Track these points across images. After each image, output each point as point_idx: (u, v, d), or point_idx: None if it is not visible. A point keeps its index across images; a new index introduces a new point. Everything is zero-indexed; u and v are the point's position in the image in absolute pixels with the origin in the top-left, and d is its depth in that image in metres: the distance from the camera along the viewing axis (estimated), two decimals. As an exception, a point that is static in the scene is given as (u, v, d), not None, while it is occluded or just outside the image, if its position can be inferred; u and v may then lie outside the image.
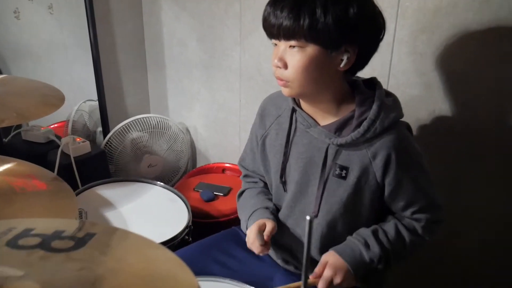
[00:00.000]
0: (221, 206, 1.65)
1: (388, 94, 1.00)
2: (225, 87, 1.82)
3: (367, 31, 0.90)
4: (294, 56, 0.90)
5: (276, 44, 0.94)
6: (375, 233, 1.00)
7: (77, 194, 1.41)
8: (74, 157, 1.59)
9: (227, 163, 1.91)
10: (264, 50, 1.62)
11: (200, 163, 2.08)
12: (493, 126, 1.18)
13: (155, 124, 1.90)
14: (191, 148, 2.07)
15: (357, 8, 0.85)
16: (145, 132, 1.89)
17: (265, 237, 1.03)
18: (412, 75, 1.27)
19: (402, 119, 0.99)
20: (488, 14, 1.09)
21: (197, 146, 2.07)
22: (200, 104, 1.96)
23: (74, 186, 1.50)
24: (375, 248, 0.98)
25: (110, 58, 1.94)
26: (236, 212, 1.54)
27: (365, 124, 0.93)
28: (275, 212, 1.13)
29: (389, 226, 1.02)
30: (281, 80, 0.94)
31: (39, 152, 1.70)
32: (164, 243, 1.20)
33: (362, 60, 0.95)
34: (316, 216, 1.03)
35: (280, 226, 1.10)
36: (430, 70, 1.24)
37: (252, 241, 1.04)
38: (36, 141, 1.76)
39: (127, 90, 2.06)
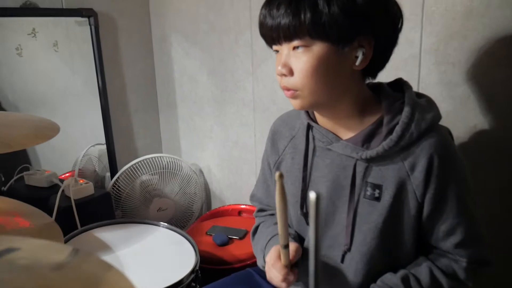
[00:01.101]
0: (236, 250, 1.47)
1: (420, 95, 0.84)
2: (239, 122, 1.70)
3: (381, 19, 0.76)
4: (300, 59, 0.76)
5: (278, 51, 0.81)
6: (405, 281, 0.81)
7: (72, 237, 1.26)
8: (76, 200, 1.47)
9: (243, 205, 1.75)
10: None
11: (215, 206, 1.92)
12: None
13: (166, 165, 1.77)
14: (205, 191, 1.92)
15: None
16: (155, 174, 1.76)
17: (290, 257, 0.83)
18: (444, 88, 1.11)
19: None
20: (530, 8, 0.95)
21: (212, 188, 1.92)
22: (213, 143, 1.84)
23: (73, 230, 1.36)
24: None
25: (120, 100, 1.87)
26: (253, 257, 1.36)
27: (397, 129, 0.77)
28: (297, 238, 0.95)
29: (422, 271, 0.82)
30: (288, 90, 0.80)
31: (41, 197, 1.58)
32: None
33: (381, 56, 0.80)
34: (349, 249, 0.84)
35: (305, 267, 0.91)
36: (465, 80, 1.08)
37: (273, 265, 0.85)
38: (39, 186, 1.65)
39: (138, 132, 1.97)
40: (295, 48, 0.76)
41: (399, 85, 0.85)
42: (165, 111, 2.00)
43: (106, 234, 1.30)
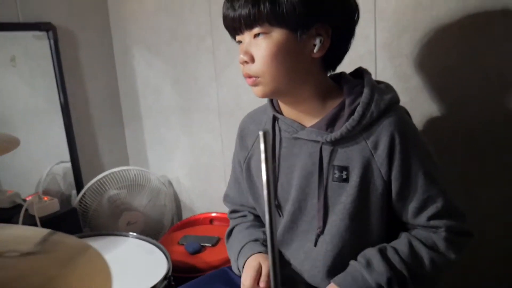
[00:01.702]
0: (209, 257, 1.45)
1: (379, 82, 0.87)
2: (205, 128, 1.70)
3: (337, 9, 0.79)
4: (260, 45, 0.78)
5: (241, 42, 0.84)
6: (382, 252, 0.82)
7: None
8: (41, 217, 1.42)
9: (214, 213, 1.73)
10: (242, 82, 1.52)
11: (185, 217, 1.90)
12: (490, 122, 1.04)
13: (133, 178, 1.74)
14: (175, 202, 1.90)
15: None
16: (123, 188, 1.73)
17: (261, 284, 0.86)
18: (400, 80, 1.16)
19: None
20: (473, 1, 1.01)
21: (182, 198, 1.90)
22: (180, 152, 1.83)
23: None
24: (380, 268, 0.79)
25: (83, 116, 1.83)
26: (227, 262, 1.35)
27: (359, 109, 0.79)
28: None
29: (401, 243, 0.83)
30: (250, 77, 0.82)
31: (3, 217, 1.52)
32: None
33: (339, 45, 0.83)
34: (322, 232, 0.85)
35: (279, 256, 0.92)
36: (418, 72, 1.13)
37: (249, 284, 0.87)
38: (1, 207, 1.59)
39: (103, 147, 1.93)
40: (256, 36, 0.78)
41: (359, 73, 0.88)
42: (131, 124, 1.97)
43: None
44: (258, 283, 0.88)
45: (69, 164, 1.84)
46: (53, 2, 1.66)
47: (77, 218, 1.55)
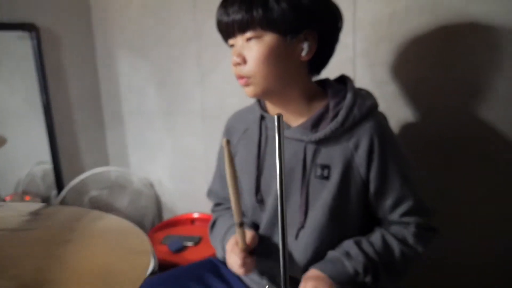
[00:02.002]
0: (192, 256, 1.49)
1: (360, 89, 0.95)
2: (188, 131, 1.74)
3: (324, 16, 0.87)
4: (253, 48, 0.85)
5: (233, 45, 0.89)
6: (358, 243, 0.89)
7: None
8: (22, 217, 1.42)
9: (196, 213, 1.77)
10: (226, 87, 1.58)
11: (166, 218, 1.92)
12: (461, 126, 1.13)
13: (115, 179, 1.76)
14: (156, 203, 1.92)
15: None
16: (104, 189, 1.74)
17: (247, 241, 0.90)
18: (377, 86, 1.24)
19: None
20: (442, 12, 1.10)
21: (163, 200, 1.92)
22: (163, 154, 1.86)
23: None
24: (358, 257, 0.86)
25: (64, 117, 1.84)
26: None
27: (342, 112, 0.86)
28: (253, 227, 1.00)
29: (375, 236, 0.91)
30: (242, 77, 0.88)
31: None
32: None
33: (324, 50, 0.90)
34: (303, 226, 0.91)
35: (261, 250, 0.97)
36: (394, 79, 1.21)
37: (232, 250, 0.92)
38: (-21, 207, 1.58)
39: (84, 149, 1.94)
40: (248, 40, 0.84)
41: (342, 79, 0.95)
42: (112, 126, 1.99)
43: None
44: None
45: (48, 165, 1.83)
46: (37, 3, 1.68)
47: (59, 218, 1.55)
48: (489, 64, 1.06)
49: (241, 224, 0.87)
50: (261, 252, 0.95)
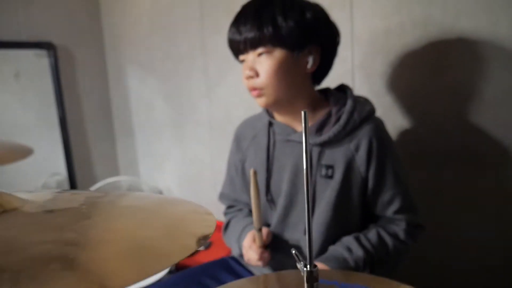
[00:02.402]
0: (203, 259, 1.56)
1: (359, 96, 1.04)
2: (195, 141, 1.83)
3: (325, 32, 0.97)
4: (264, 62, 0.94)
5: (243, 61, 0.99)
6: (357, 239, 0.97)
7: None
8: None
9: (204, 219, 1.85)
10: (232, 99, 1.67)
11: (176, 226, 2.00)
12: (452, 131, 1.22)
13: (127, 188, 1.85)
14: (166, 211, 2.00)
15: (312, 12, 0.94)
16: (117, 198, 1.83)
17: (263, 238, 0.98)
18: (374, 96, 1.32)
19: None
20: (434, 27, 1.20)
21: (172, 208, 2.00)
22: (171, 163, 1.94)
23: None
24: (358, 252, 0.95)
25: (77, 130, 1.93)
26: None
27: (344, 117, 0.95)
28: (265, 225, 1.09)
29: (371, 233, 1.00)
30: (255, 89, 0.97)
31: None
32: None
33: (326, 62, 1.00)
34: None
35: (273, 246, 1.05)
36: (391, 90, 1.31)
37: (250, 247, 1.00)
38: None
39: (96, 161, 2.03)
40: (259, 55, 0.94)
41: (341, 88, 1.05)
42: (123, 137, 2.08)
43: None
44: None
45: (62, 176, 1.92)
46: (54, 23, 1.78)
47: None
48: (476, 74, 1.15)
49: (260, 229, 0.97)
50: (273, 248, 1.04)
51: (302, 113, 0.46)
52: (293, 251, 0.51)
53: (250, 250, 0.99)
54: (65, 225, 0.41)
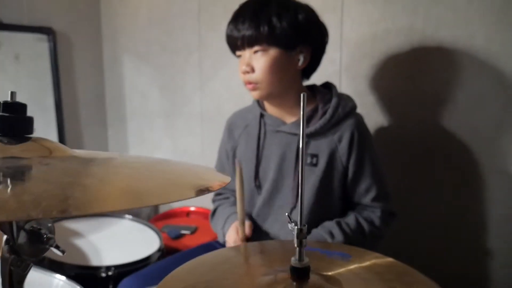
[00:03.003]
0: (189, 242, 1.64)
1: (341, 93, 1.14)
2: (187, 132, 1.90)
3: (316, 33, 1.07)
4: (260, 59, 1.03)
5: (240, 56, 1.07)
6: (338, 224, 1.07)
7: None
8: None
9: (192, 207, 1.93)
10: (224, 92, 1.76)
11: (162, 210, 2.07)
12: (427, 131, 1.33)
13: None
14: (154, 198, 2.07)
15: (304, 14, 1.03)
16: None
17: (246, 231, 1.06)
18: (359, 96, 1.43)
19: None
20: (416, 36, 1.31)
21: (160, 195, 2.07)
22: (162, 153, 2.01)
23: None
24: (339, 237, 1.04)
25: (71, 114, 1.98)
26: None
27: (329, 111, 1.05)
28: (248, 216, 1.17)
29: (350, 219, 1.09)
30: (250, 83, 1.06)
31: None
32: (138, 262, 1.18)
33: (315, 60, 1.10)
34: (295, 206, 1.09)
35: (257, 229, 1.14)
36: (374, 90, 1.41)
37: (234, 241, 1.07)
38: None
39: (87, 145, 2.08)
40: (255, 52, 1.02)
41: (327, 85, 1.15)
42: (115, 124, 2.14)
43: (74, 224, 1.41)
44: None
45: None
46: (55, 9, 1.84)
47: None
48: (452, 80, 1.27)
49: (243, 223, 1.04)
50: (256, 234, 1.12)
51: (302, 95, 0.55)
52: (286, 214, 0.60)
53: (233, 244, 1.08)
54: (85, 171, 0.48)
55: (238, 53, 1.08)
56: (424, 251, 1.38)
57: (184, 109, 1.89)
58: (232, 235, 1.09)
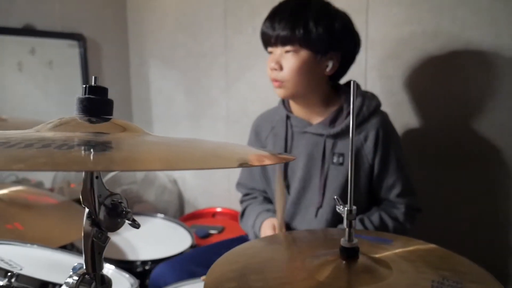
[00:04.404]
0: (217, 241, 1.67)
1: (367, 92, 1.17)
2: (212, 133, 1.95)
3: (349, 42, 1.10)
4: (289, 59, 1.06)
5: (271, 52, 1.11)
6: (361, 221, 1.10)
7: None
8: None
9: (218, 208, 1.96)
10: (250, 94, 1.80)
11: (187, 212, 2.11)
12: (454, 130, 1.34)
13: (144, 175, 1.96)
14: (179, 198, 2.11)
15: (341, 22, 1.07)
16: (134, 184, 1.94)
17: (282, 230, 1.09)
18: (385, 96, 1.45)
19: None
20: (442, 36, 1.33)
21: (185, 196, 2.12)
22: (187, 155, 2.06)
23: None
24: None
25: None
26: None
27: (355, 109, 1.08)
28: None
29: (374, 215, 1.12)
30: (277, 81, 1.09)
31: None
32: (173, 257, 1.22)
33: (343, 67, 1.13)
34: (321, 206, 1.11)
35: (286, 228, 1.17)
36: (399, 90, 1.44)
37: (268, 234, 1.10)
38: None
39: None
40: (286, 51, 1.06)
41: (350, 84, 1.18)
42: (141, 127, 2.19)
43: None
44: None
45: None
46: (85, 16, 1.91)
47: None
48: (480, 79, 1.29)
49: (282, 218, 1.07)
50: (286, 227, 1.15)
51: (352, 82, 0.58)
52: (335, 197, 0.62)
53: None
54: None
55: (269, 49, 1.11)
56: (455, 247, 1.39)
57: (209, 111, 1.94)
58: (268, 226, 1.11)
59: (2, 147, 0.32)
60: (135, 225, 0.48)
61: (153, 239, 1.38)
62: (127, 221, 0.48)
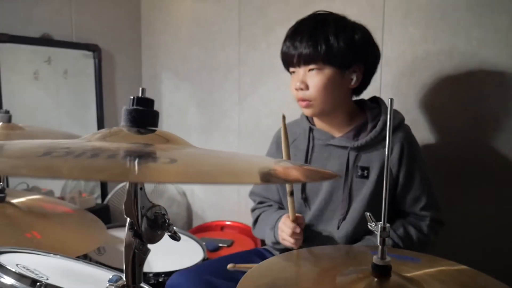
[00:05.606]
0: (227, 253, 1.66)
1: None
2: (224, 146, 1.95)
3: (370, 53, 1.12)
4: (314, 78, 1.07)
5: (293, 72, 1.12)
6: None
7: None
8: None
9: (227, 221, 1.95)
10: (263, 108, 1.81)
11: (196, 225, 2.10)
12: (468, 147, 1.35)
13: (153, 186, 1.96)
14: (187, 211, 2.11)
15: (360, 35, 1.08)
16: (144, 194, 1.93)
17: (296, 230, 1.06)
18: (399, 113, 1.47)
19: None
20: (457, 55, 1.35)
21: (194, 208, 2.11)
22: (197, 167, 2.06)
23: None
24: (388, 242, 1.06)
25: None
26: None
27: (380, 123, 1.09)
28: None
29: (398, 226, 1.12)
30: (304, 100, 1.10)
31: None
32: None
33: (366, 79, 1.14)
34: (345, 218, 1.11)
35: (306, 236, 1.16)
36: (414, 108, 1.45)
37: (284, 222, 1.08)
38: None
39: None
40: (310, 70, 1.07)
41: (374, 99, 1.19)
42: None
43: (120, 233, 1.46)
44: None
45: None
46: (100, 27, 1.93)
47: (108, 214, 1.74)
48: (494, 97, 1.30)
49: (292, 193, 1.04)
50: (307, 239, 1.15)
51: (389, 100, 0.59)
52: (367, 214, 0.63)
53: (284, 226, 1.08)
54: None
55: (292, 69, 1.12)
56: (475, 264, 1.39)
57: (221, 124, 1.94)
58: (282, 220, 1.10)
59: (70, 156, 0.32)
60: (176, 237, 0.48)
61: (165, 250, 1.37)
62: (167, 233, 0.48)
